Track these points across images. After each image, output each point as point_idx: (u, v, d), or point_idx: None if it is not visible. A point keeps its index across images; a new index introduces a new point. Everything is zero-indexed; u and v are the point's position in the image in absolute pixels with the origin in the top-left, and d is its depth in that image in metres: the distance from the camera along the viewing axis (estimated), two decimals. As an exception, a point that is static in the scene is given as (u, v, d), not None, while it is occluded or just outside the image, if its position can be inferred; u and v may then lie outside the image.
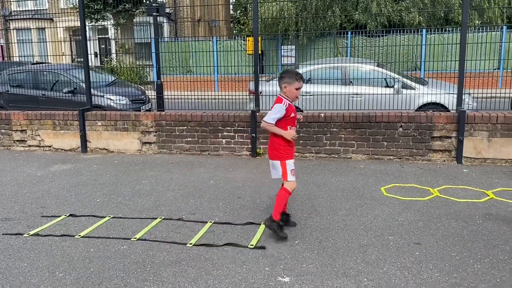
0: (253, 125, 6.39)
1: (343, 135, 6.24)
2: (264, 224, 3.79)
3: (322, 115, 6.28)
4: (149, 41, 12.03)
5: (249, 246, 3.50)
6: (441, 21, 16.58)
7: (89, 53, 7.23)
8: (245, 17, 27.16)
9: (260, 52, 6.69)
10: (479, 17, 16.71)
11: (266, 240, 3.62)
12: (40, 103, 8.82)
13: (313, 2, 16.58)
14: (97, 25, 20.36)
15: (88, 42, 7.16)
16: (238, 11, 34.38)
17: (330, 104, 6.93)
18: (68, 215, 4.30)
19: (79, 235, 3.79)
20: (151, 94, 10.02)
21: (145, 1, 18.21)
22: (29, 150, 7.41)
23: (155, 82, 10.10)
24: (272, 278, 3.02)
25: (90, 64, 7.25)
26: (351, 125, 6.19)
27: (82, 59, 7.28)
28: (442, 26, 15.83)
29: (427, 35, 14.60)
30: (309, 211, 4.27)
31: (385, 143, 6.14)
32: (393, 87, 7.64)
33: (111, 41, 23.76)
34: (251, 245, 3.50)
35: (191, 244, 3.57)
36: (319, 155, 6.34)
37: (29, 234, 3.85)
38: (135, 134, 6.94)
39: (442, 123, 5.94)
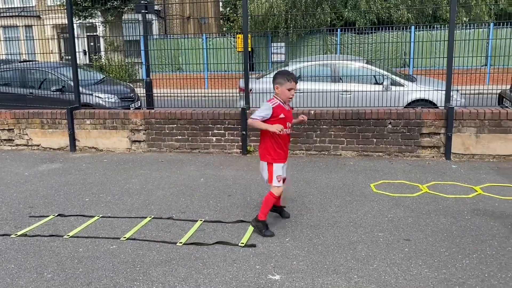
0: (244, 122, 6.38)
1: (333, 132, 6.26)
2: (251, 224, 3.80)
3: (312, 112, 6.29)
4: (138, 38, 11.93)
5: (240, 244, 3.49)
6: (429, 18, 16.70)
7: (78, 51, 7.17)
8: (235, 14, 27.08)
9: (250, 49, 6.65)
10: (466, 14, 16.86)
11: (256, 238, 3.62)
12: (27, 102, 8.70)
13: (302, -1, 16.59)
14: (86, 22, 20.17)
15: (76, 39, 7.08)
16: (228, 8, 34.25)
17: (320, 101, 6.95)
18: (56, 215, 4.26)
19: (68, 235, 3.75)
20: (141, 92, 9.95)
21: (133, -2, 18.06)
22: (17, 149, 7.32)
23: (145, 80, 10.04)
24: (262, 276, 3.02)
25: (78, 62, 7.18)
26: (340, 122, 6.21)
27: (70, 57, 7.20)
28: (430, 23, 15.94)
29: (416, 32, 14.69)
30: (299, 208, 4.27)
31: (375, 140, 6.17)
32: (382, 84, 7.68)
33: (100, 38, 23.56)
34: (242, 243, 3.50)
35: (181, 243, 3.55)
36: (309, 152, 6.36)
37: (16, 234, 3.81)
38: (124, 132, 6.89)
39: (430, 120, 5.98)
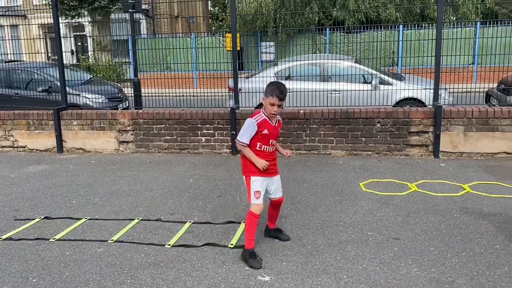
0: (233, 122, 6.35)
1: (322, 132, 6.25)
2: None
3: (301, 111, 6.28)
4: (126, 38, 11.82)
5: (229, 245, 3.46)
6: (417, 17, 16.79)
7: (65, 50, 7.07)
8: (224, 14, 27.00)
9: (239, 48, 6.62)
10: (454, 13, 16.99)
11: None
12: (13, 103, 8.57)
13: (291, -2, 16.56)
14: (73, 22, 19.94)
15: (63, 39, 6.99)
16: (216, 8, 34.14)
17: (309, 100, 6.94)
18: (42, 217, 4.19)
19: (54, 238, 3.69)
20: (129, 92, 9.86)
21: (121, -3, 17.90)
22: (2, 151, 7.20)
23: (133, 79, 9.94)
24: (252, 277, 2.99)
25: (66, 62, 7.08)
26: (330, 122, 6.21)
27: (56, 57, 7.10)
28: (418, 22, 16.04)
29: (404, 31, 14.78)
30: (289, 208, 4.25)
31: (364, 139, 6.18)
32: (371, 83, 7.70)
33: (88, 38, 23.33)
34: (231, 245, 3.47)
35: (169, 245, 3.51)
36: (299, 151, 6.35)
37: (1, 238, 3.74)
38: (112, 133, 6.81)
39: (419, 118, 6.00)
